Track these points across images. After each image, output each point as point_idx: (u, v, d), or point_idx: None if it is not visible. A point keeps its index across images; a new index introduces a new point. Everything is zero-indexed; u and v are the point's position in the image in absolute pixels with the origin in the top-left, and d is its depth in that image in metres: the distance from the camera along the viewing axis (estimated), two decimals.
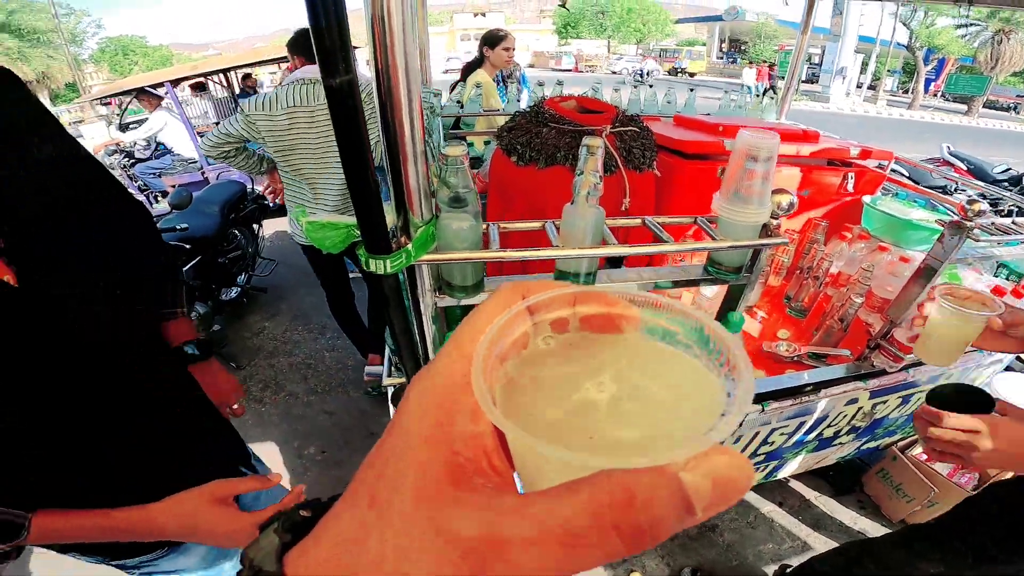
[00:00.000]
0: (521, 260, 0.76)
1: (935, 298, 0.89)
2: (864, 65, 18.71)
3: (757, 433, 1.19)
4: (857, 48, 17.39)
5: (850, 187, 1.50)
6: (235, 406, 1.01)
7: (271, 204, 3.34)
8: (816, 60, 19.50)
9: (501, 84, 2.89)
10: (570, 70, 32.58)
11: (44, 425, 0.60)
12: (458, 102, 2.33)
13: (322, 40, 0.57)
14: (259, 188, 3.32)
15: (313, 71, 1.75)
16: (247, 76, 6.15)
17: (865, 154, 1.48)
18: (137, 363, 0.73)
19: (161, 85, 4.53)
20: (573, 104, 1.32)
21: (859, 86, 18.79)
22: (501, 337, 0.20)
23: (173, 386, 0.81)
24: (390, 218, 0.78)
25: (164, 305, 0.91)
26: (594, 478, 0.15)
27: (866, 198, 1.49)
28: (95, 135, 5.64)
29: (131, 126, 5.36)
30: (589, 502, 0.15)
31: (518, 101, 2.30)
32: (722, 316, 0.91)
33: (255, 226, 3.30)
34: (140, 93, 4.77)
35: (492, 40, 2.71)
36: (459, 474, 0.17)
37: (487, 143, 2.05)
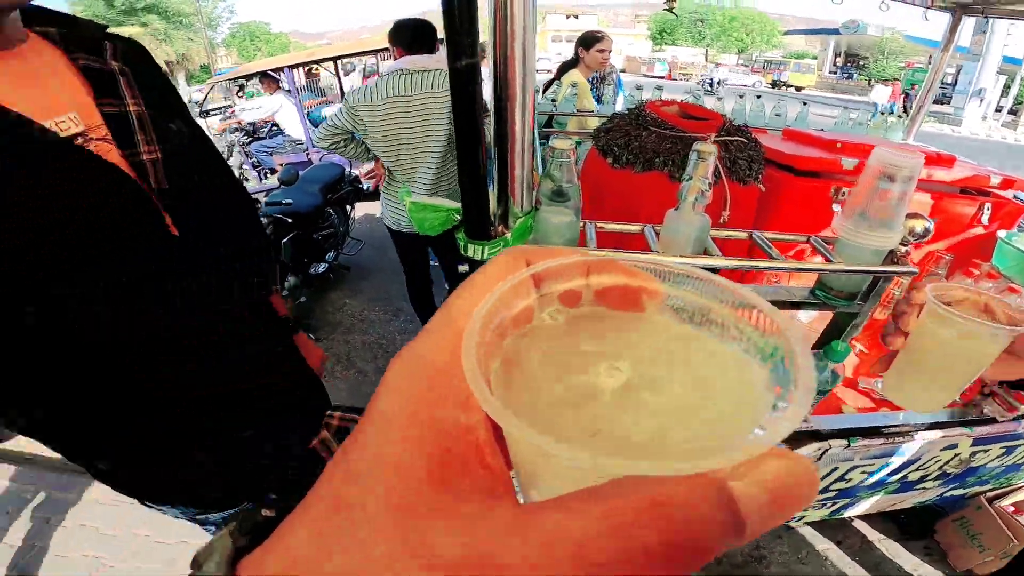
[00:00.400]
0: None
1: (918, 303, 0.54)
2: (1006, 88, 16.58)
3: (836, 468, 1.10)
4: (1000, 69, 15.45)
5: (984, 219, 1.33)
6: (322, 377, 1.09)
7: (367, 188, 3.54)
8: (949, 80, 17.55)
9: (594, 86, 2.87)
10: (663, 77, 31.66)
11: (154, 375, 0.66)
12: (552, 100, 2.34)
13: (452, 22, 0.59)
14: (356, 172, 3.54)
15: (411, 62, 1.80)
16: (310, 71, 6.54)
17: (1007, 183, 1.31)
18: (240, 330, 0.79)
19: (280, 70, 4.95)
20: (676, 109, 1.28)
21: (998, 110, 16.70)
22: (500, 309, 0.17)
23: (271, 350, 0.88)
24: (491, 206, 0.80)
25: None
26: (617, 486, 0.12)
27: (1001, 232, 1.32)
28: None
29: (211, 112, 5.89)
30: (611, 516, 0.12)
31: (613, 104, 2.27)
32: (824, 344, 0.85)
33: (348, 207, 3.49)
34: (263, 76, 5.26)
35: (588, 41, 2.70)
36: (444, 476, 0.14)
37: (578, 143, 2.04)
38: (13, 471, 2.22)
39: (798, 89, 27.38)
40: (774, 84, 28.26)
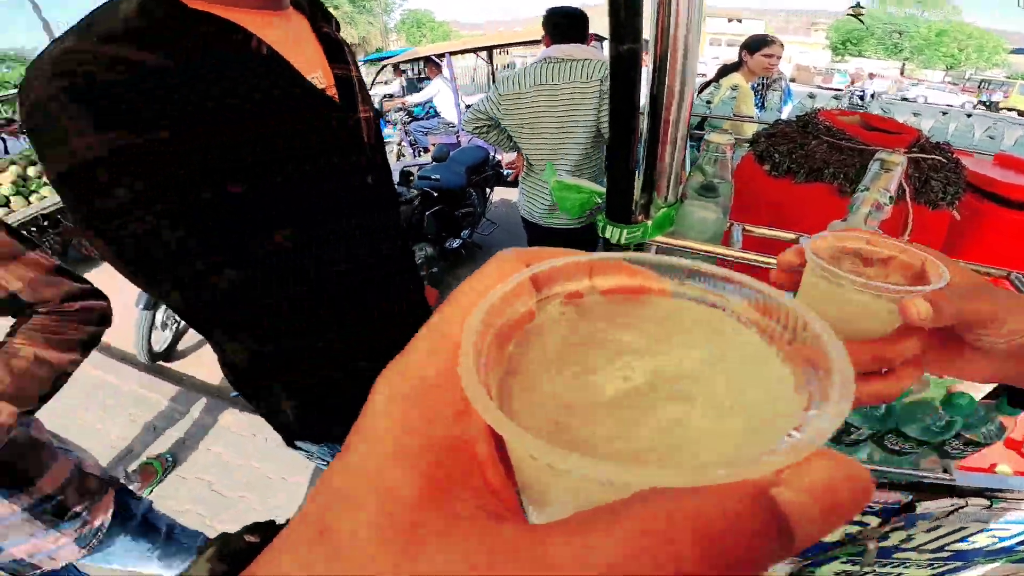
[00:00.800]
0: (765, 267, 0.71)
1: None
2: None
3: (963, 528, 0.93)
4: None
5: None
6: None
7: (507, 175, 3.71)
8: None
9: (757, 92, 2.66)
10: (841, 90, 28.02)
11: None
12: (707, 102, 2.24)
13: (616, 7, 0.59)
14: (500, 157, 3.72)
15: (559, 50, 1.78)
16: (396, 67, 6.93)
17: None
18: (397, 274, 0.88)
19: (443, 56, 5.36)
20: (857, 120, 1.16)
21: None
22: (499, 313, 0.16)
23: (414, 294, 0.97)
24: (635, 193, 0.80)
25: None
26: (643, 501, 0.11)
27: None
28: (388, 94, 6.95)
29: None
30: (642, 535, 0.10)
31: (778, 112, 2.10)
32: (1001, 395, 0.72)
33: (487, 189, 3.67)
34: (427, 62, 5.73)
35: (754, 45, 2.52)
36: (439, 496, 0.13)
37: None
38: (175, 391, 2.51)
39: (1022, 113, 22.59)
40: (982, 104, 23.64)
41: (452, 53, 5.74)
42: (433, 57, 5.67)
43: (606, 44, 0.67)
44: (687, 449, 0.14)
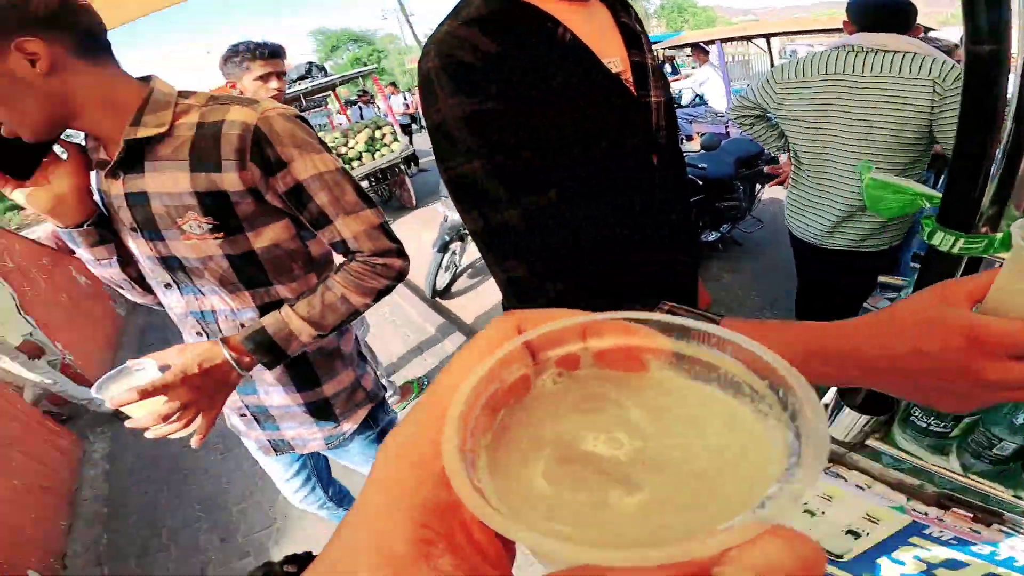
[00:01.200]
0: None
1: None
2: None
3: None
4: None
5: None
6: None
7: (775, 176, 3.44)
8: None
9: None
10: None
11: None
12: None
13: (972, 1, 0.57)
14: (776, 154, 3.47)
15: (866, 38, 1.49)
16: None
17: None
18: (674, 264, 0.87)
19: (712, 42, 5.16)
20: None
21: None
22: (489, 384, 0.16)
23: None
24: (983, 202, 0.74)
25: None
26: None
27: None
28: None
29: None
30: None
31: None
32: None
33: (757, 185, 3.44)
34: (694, 48, 5.60)
35: None
36: (427, 555, 0.14)
37: None
38: (441, 323, 2.87)
39: None
40: None
41: (723, 40, 5.47)
42: (701, 43, 5.50)
43: (930, 34, 0.59)
44: (644, 526, 0.14)
